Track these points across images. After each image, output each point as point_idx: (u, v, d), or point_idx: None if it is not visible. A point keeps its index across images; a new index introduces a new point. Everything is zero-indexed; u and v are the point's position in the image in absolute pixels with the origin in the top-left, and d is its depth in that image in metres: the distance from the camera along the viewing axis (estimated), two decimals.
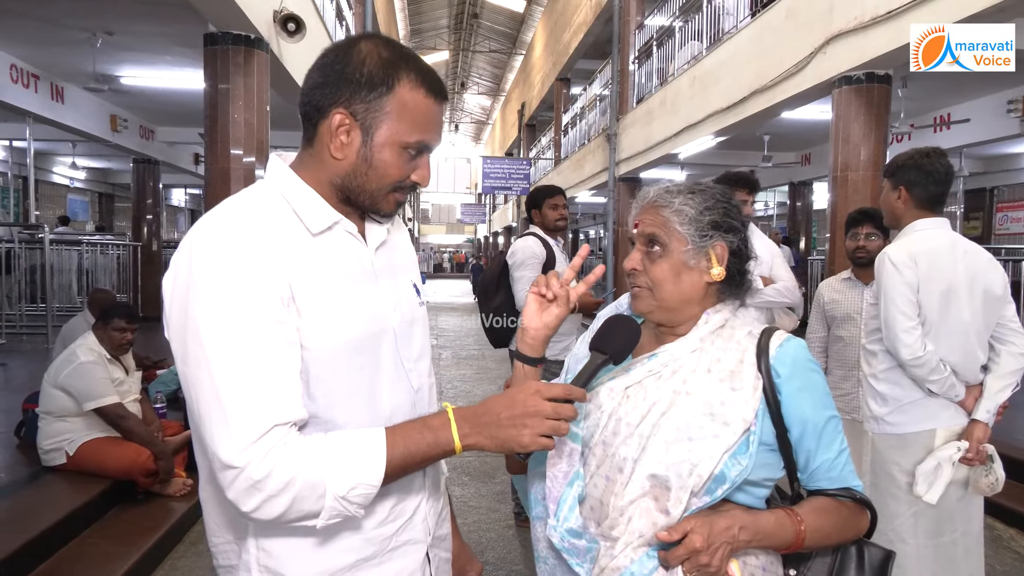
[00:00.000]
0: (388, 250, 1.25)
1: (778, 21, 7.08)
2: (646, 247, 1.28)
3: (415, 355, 1.25)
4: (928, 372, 2.37)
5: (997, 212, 13.56)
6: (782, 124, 9.13)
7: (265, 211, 1.11)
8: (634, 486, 1.18)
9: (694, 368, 1.22)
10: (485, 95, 39.35)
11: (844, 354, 3.28)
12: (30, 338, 9.19)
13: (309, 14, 7.35)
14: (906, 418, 2.47)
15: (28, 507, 3.47)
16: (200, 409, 1.02)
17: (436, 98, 1.14)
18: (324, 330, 1.09)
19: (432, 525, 1.26)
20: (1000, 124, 8.75)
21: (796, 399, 1.20)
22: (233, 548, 1.16)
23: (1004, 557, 3.71)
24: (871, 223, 3.15)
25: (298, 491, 1.00)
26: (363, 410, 1.14)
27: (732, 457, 1.15)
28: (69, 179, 15.76)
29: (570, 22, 16.95)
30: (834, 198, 6.31)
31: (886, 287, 2.40)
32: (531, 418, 1.06)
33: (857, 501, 1.24)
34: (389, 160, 1.13)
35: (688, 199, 1.26)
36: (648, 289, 1.27)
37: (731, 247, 1.27)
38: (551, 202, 3.92)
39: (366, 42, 1.13)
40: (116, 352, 3.99)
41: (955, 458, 2.38)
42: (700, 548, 1.10)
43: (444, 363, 9.85)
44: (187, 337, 1.03)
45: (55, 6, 6.29)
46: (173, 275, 1.06)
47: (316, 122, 1.13)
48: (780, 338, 1.24)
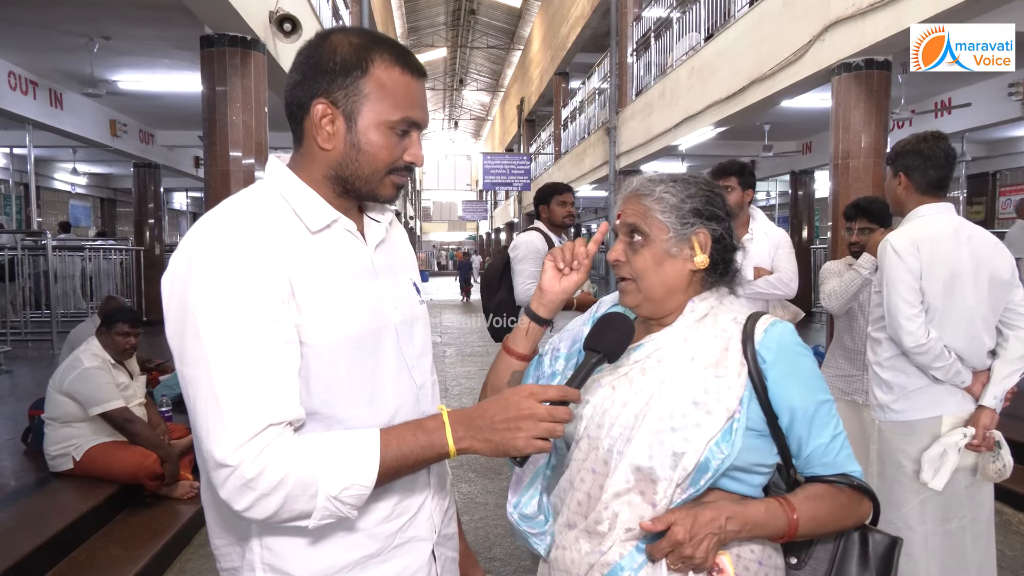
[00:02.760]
0: (387, 248, 1.26)
1: (776, 9, 7.04)
2: (628, 237, 1.27)
3: (417, 352, 1.25)
4: (932, 359, 2.35)
5: (1000, 196, 13.51)
6: (782, 113, 9.09)
7: (263, 210, 1.11)
8: (618, 478, 1.17)
9: (678, 358, 1.21)
10: (484, 91, 39.29)
11: (844, 337, 3.29)
12: (35, 345, 9.21)
13: (305, 14, 7.34)
14: (912, 405, 2.45)
15: (36, 513, 3.48)
16: (197, 407, 1.02)
17: (413, 74, 1.14)
18: (324, 325, 1.08)
19: (438, 523, 1.26)
20: (1001, 108, 8.69)
21: (783, 384, 1.18)
22: (236, 550, 1.16)
23: (1013, 542, 3.70)
24: (865, 217, 3.14)
25: (290, 490, 1.00)
26: (365, 407, 1.13)
27: (715, 445, 1.14)
28: (70, 185, 15.76)
29: (567, 16, 16.90)
30: (835, 186, 6.28)
31: (888, 274, 2.38)
32: (525, 421, 1.06)
33: (855, 487, 1.21)
34: (377, 142, 1.12)
35: (669, 187, 1.26)
36: (633, 281, 1.26)
37: (714, 235, 1.26)
38: (560, 199, 3.92)
39: (336, 34, 1.14)
40: (120, 357, 3.99)
41: (961, 444, 2.36)
42: (682, 540, 1.09)
43: (449, 360, 9.86)
44: (185, 335, 1.03)
45: (51, 12, 6.28)
46: (172, 274, 1.06)
47: (301, 119, 1.14)
48: (766, 323, 1.22)
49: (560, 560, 1.23)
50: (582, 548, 1.20)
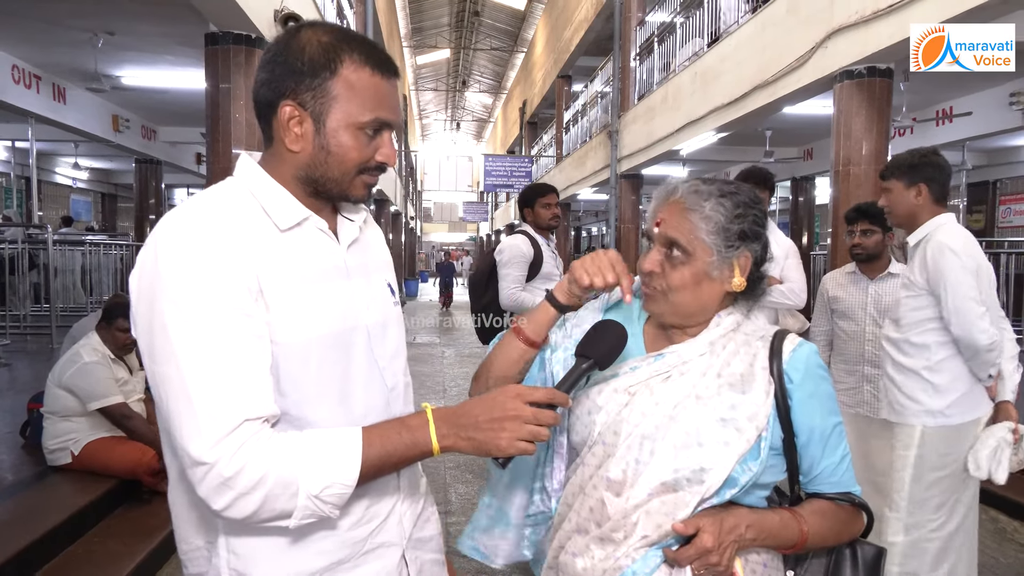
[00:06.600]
0: (361, 248, 1.24)
1: (779, 16, 7.06)
2: (667, 249, 1.22)
3: (389, 353, 1.23)
4: (998, 355, 2.42)
5: (1000, 205, 13.52)
6: (784, 119, 9.11)
7: (232, 206, 1.09)
8: (640, 490, 1.16)
9: (704, 372, 1.20)
10: (487, 93, 39.31)
11: (847, 348, 3.29)
12: (35, 338, 9.21)
13: (310, 13, 7.35)
14: (963, 408, 2.50)
15: (34, 507, 3.48)
16: (168, 405, 1.00)
17: (384, 74, 1.12)
18: (293, 324, 1.07)
19: (408, 527, 1.23)
20: (1002, 117, 8.71)
21: (807, 406, 1.19)
22: (203, 554, 1.13)
23: (1007, 549, 3.71)
24: (866, 220, 3.15)
25: (270, 489, 0.98)
26: (335, 407, 1.12)
27: (743, 463, 1.14)
28: (72, 179, 15.78)
29: (571, 19, 16.92)
30: (836, 193, 6.29)
31: (950, 276, 2.39)
32: (510, 422, 1.04)
33: (855, 505, 1.25)
34: (346, 143, 1.10)
35: (719, 204, 1.20)
36: (663, 292, 1.23)
37: (755, 256, 1.23)
38: (543, 201, 3.90)
39: (306, 30, 1.11)
40: (120, 352, 4.00)
41: (1009, 438, 2.43)
42: (712, 548, 1.09)
43: (448, 361, 9.86)
44: (154, 332, 1.01)
45: (56, 7, 6.29)
46: (139, 270, 1.04)
47: (269, 119, 1.12)
48: (793, 342, 1.22)
49: (569, 565, 1.21)
50: (595, 555, 1.18)
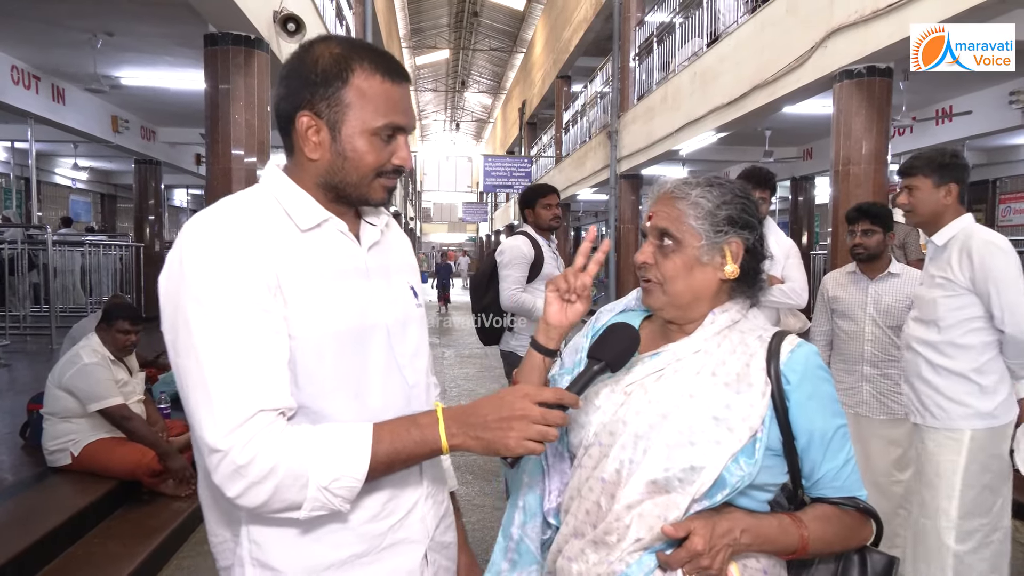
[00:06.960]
0: (382, 250, 1.27)
1: (778, 15, 7.06)
2: (658, 241, 1.24)
3: (410, 352, 1.26)
4: None
5: (1000, 204, 13.51)
6: (783, 119, 9.10)
7: (255, 209, 1.14)
8: (632, 490, 1.15)
9: (698, 370, 1.19)
10: (486, 93, 39.30)
11: (846, 348, 3.28)
12: (34, 339, 9.20)
13: (309, 14, 7.35)
14: (1007, 407, 2.51)
15: (34, 508, 3.48)
16: (189, 396, 1.05)
17: (395, 80, 1.16)
18: (310, 319, 1.11)
19: (431, 527, 1.25)
20: (1002, 116, 8.70)
21: (805, 408, 1.17)
22: (229, 546, 1.17)
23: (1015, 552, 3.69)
24: (867, 219, 3.14)
25: (281, 479, 1.02)
26: (351, 401, 1.15)
27: (735, 462, 1.13)
28: (71, 180, 15.75)
29: (570, 19, 16.92)
30: (836, 192, 6.29)
31: (1001, 273, 2.38)
32: (518, 421, 1.06)
33: (861, 510, 1.22)
34: (362, 148, 1.15)
35: (705, 192, 1.23)
36: (659, 284, 1.24)
37: (747, 244, 1.23)
38: (544, 201, 3.90)
39: (319, 44, 1.17)
40: (120, 354, 4.00)
41: None
42: (702, 551, 1.08)
43: (448, 361, 9.86)
44: (177, 328, 1.06)
45: (56, 7, 6.29)
46: (167, 272, 1.10)
47: (289, 131, 1.18)
48: (792, 343, 1.21)
49: (565, 570, 1.20)
50: (589, 559, 1.17)
